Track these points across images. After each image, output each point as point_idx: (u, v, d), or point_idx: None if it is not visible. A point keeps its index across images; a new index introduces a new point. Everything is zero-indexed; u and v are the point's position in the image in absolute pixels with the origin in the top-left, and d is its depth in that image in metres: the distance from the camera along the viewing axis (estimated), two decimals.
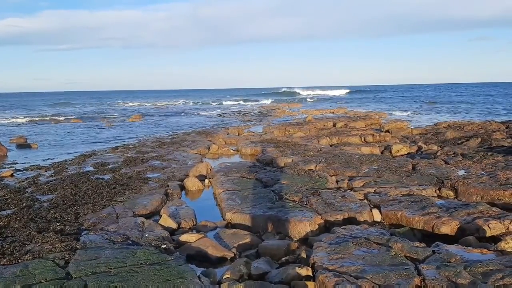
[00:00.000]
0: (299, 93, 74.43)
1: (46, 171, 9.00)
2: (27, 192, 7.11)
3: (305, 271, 3.90)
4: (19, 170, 9.35)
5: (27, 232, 4.89)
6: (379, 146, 11.58)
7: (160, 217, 5.63)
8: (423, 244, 4.15)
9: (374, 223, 5.42)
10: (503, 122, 15.50)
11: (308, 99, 56.32)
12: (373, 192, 6.50)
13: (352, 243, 4.20)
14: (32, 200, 6.48)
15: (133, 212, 5.87)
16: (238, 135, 16.12)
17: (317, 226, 5.21)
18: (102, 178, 8.03)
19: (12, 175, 8.74)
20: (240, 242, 4.93)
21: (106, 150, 12.23)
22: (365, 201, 6.09)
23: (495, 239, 4.57)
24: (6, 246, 4.44)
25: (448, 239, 4.68)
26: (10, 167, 9.83)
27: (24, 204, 6.22)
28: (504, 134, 12.44)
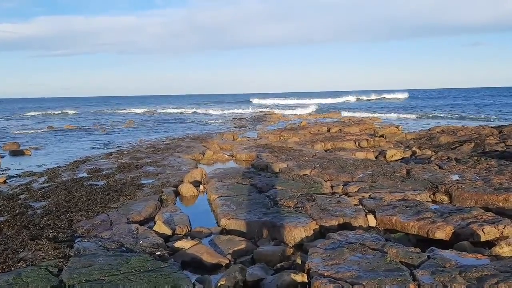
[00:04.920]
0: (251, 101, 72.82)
1: (39, 178, 8.95)
2: (20, 199, 7.05)
3: (300, 277, 3.89)
4: (12, 177, 9.28)
5: (20, 240, 4.84)
6: (373, 151, 11.62)
7: (155, 224, 5.59)
8: (418, 249, 4.15)
9: (369, 228, 5.42)
10: (496, 127, 15.61)
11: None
12: (368, 197, 6.51)
13: (347, 248, 4.19)
14: (25, 207, 6.43)
15: (127, 219, 5.83)
16: (232, 140, 16.12)
17: (312, 232, 5.20)
18: (96, 184, 7.98)
19: (5, 182, 8.67)
20: (235, 248, 4.91)
21: (100, 156, 12.18)
22: (360, 206, 6.10)
23: (490, 244, 4.58)
24: None
25: (443, 244, 4.69)
26: (3, 173, 9.76)
27: (17, 211, 6.17)
28: (497, 138, 12.52)
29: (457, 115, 29.82)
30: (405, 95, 71.23)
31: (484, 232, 4.72)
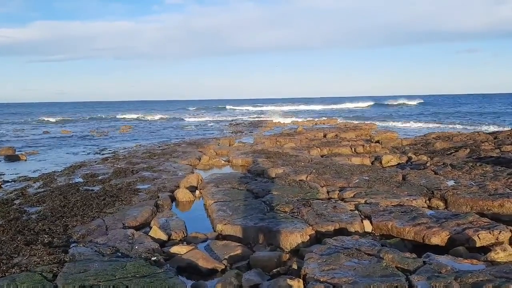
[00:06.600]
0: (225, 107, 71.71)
1: (34, 183, 8.90)
2: (15, 203, 7.00)
3: (296, 283, 3.88)
4: (7, 182, 9.23)
5: (15, 245, 4.81)
6: (369, 157, 11.65)
7: (150, 229, 5.58)
8: (414, 255, 4.17)
9: (365, 234, 5.42)
10: (491, 133, 15.70)
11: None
12: (364, 203, 6.51)
13: (343, 254, 4.20)
14: (20, 212, 6.39)
15: (123, 224, 5.81)
16: (229, 145, 16.11)
17: (308, 237, 5.19)
18: (92, 190, 7.95)
19: None
20: (231, 254, 4.90)
21: (96, 161, 12.13)
22: (356, 211, 6.10)
23: (485, 250, 4.60)
24: None
25: (438, 249, 4.70)
26: None
27: (12, 216, 6.13)
28: (492, 144, 12.59)
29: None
30: (417, 101, 70.10)
31: (479, 238, 4.73)
